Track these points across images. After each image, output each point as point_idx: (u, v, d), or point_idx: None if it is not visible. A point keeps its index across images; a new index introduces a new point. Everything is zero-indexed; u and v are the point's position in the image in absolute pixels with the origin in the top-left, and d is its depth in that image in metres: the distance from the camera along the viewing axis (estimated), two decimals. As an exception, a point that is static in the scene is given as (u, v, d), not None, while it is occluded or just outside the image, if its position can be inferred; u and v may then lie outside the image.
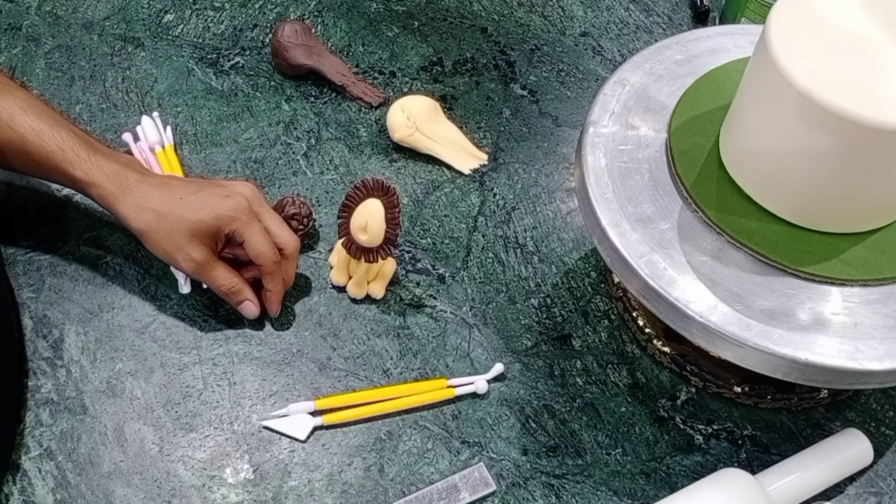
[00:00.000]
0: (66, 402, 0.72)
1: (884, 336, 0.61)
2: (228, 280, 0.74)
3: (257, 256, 0.74)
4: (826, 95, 0.56)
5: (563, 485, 0.70)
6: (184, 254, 0.72)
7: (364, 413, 0.72)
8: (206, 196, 0.73)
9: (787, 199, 0.64)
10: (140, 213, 0.72)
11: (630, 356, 0.77)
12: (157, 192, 0.73)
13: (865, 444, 0.69)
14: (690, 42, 0.77)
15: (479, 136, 0.91)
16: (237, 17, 1.01)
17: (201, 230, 0.72)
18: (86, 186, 0.73)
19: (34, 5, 1.00)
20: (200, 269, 0.73)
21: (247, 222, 0.73)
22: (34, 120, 0.73)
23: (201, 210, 0.72)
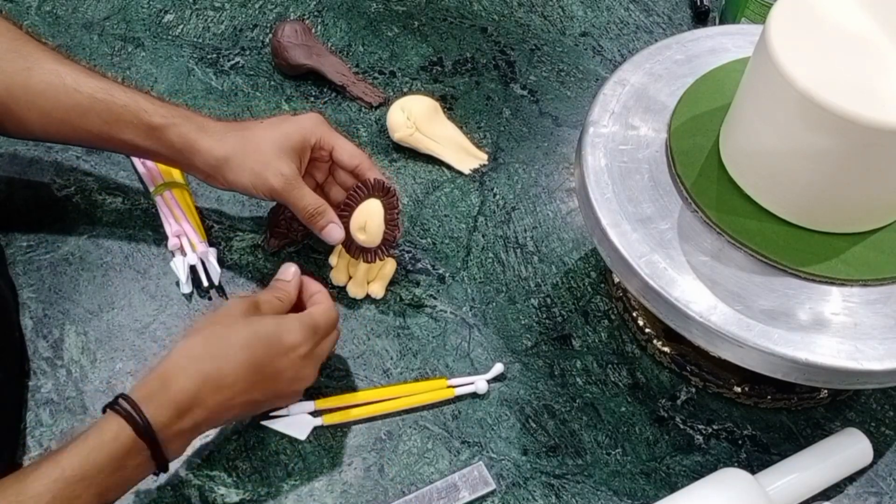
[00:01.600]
0: (66, 402, 0.72)
1: (884, 336, 0.61)
2: (315, 200, 0.73)
3: (352, 156, 0.74)
4: (826, 95, 0.56)
5: (563, 485, 0.70)
6: (273, 169, 0.71)
7: (364, 413, 0.72)
8: (285, 117, 0.75)
9: (787, 199, 0.64)
10: (223, 140, 0.72)
11: (630, 356, 0.77)
12: (236, 122, 0.75)
13: (865, 444, 0.69)
14: (690, 42, 0.77)
15: (479, 136, 0.91)
16: (237, 17, 1.01)
17: (288, 144, 0.72)
18: (164, 131, 0.72)
19: (34, 5, 1.00)
20: (289, 187, 0.72)
21: (330, 130, 0.74)
22: (100, 81, 0.73)
23: (284, 125, 0.73)
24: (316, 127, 0.74)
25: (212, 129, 0.73)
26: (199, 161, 0.73)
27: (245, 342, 0.63)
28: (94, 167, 0.86)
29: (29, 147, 0.87)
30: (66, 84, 0.72)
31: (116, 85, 0.74)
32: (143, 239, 0.82)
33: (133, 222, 0.83)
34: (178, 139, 0.72)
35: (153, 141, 0.73)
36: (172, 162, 0.76)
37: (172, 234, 0.79)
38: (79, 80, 0.72)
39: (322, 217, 0.73)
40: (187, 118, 0.73)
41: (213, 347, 0.62)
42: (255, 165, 0.71)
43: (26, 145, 0.87)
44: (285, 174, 0.71)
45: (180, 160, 0.74)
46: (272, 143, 0.72)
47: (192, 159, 0.73)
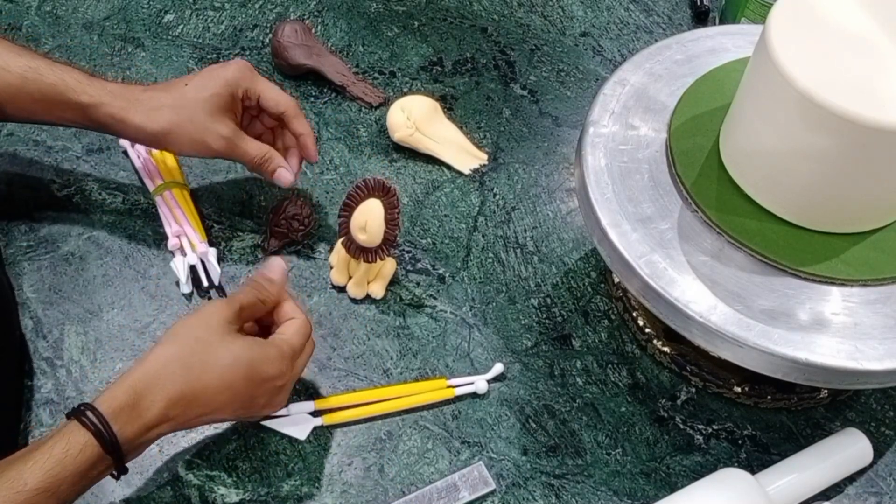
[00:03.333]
0: (66, 402, 0.72)
1: (884, 336, 0.61)
2: (260, 148, 0.75)
3: (277, 103, 0.75)
4: (826, 95, 0.56)
5: (563, 485, 0.70)
6: (212, 133, 0.72)
7: (364, 413, 0.72)
8: (208, 72, 0.75)
9: (787, 199, 0.64)
10: (155, 115, 0.72)
11: (630, 356, 0.77)
12: (164, 91, 0.74)
13: (865, 444, 0.69)
14: (690, 42, 0.77)
15: (479, 136, 0.91)
16: (237, 17, 1.00)
17: (219, 104, 0.73)
18: (93, 110, 0.72)
19: (34, 5, 1.00)
20: (231, 145, 0.73)
21: (254, 78, 0.75)
22: (29, 60, 0.73)
23: (210, 84, 0.73)
24: (241, 79, 0.75)
25: (141, 103, 0.73)
26: (133, 135, 0.74)
27: (223, 368, 0.61)
28: (94, 167, 0.86)
29: (29, 147, 0.87)
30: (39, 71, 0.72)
31: (45, 63, 0.73)
32: (143, 239, 0.82)
33: (133, 222, 0.83)
34: (107, 118, 0.73)
35: (84, 118, 0.74)
36: (115, 134, 0.76)
37: (172, 234, 0.79)
38: (7, 61, 0.72)
39: (270, 162, 0.75)
40: (115, 95, 0.73)
41: (189, 367, 0.60)
42: (194, 133, 0.73)
43: (26, 145, 0.87)
44: (225, 135, 0.73)
45: (118, 134, 0.75)
46: (204, 108, 0.73)
47: (126, 134, 0.74)
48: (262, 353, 0.63)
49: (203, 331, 0.62)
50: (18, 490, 0.54)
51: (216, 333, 0.62)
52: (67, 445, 0.56)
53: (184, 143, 0.73)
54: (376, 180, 0.74)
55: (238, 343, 0.62)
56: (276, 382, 0.64)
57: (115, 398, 0.58)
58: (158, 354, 0.60)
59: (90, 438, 0.57)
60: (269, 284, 0.67)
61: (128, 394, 0.58)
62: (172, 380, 0.59)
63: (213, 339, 0.61)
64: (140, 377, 0.59)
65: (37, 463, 0.55)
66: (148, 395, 0.59)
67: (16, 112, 0.74)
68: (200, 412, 0.61)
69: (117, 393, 0.58)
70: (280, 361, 0.63)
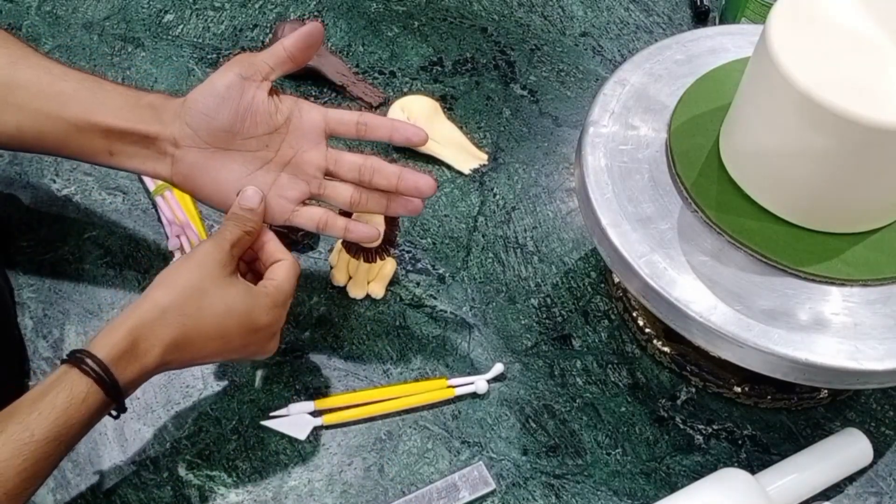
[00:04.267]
0: (66, 402, 0.72)
1: (884, 336, 0.61)
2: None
3: None
4: (826, 95, 0.56)
5: (563, 485, 0.70)
6: None
7: (364, 413, 0.72)
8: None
9: (787, 199, 0.64)
10: None
11: (630, 356, 0.77)
12: None
13: (865, 444, 0.69)
14: (690, 42, 0.77)
15: (479, 136, 0.91)
16: (237, 17, 1.00)
17: None
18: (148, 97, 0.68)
19: (34, 5, 1.00)
20: None
21: None
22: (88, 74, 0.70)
23: None
24: None
25: None
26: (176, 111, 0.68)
27: (218, 316, 0.62)
28: (94, 167, 0.86)
29: (29, 147, 0.87)
30: (52, 74, 0.69)
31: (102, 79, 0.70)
32: (143, 239, 0.82)
33: (133, 222, 0.83)
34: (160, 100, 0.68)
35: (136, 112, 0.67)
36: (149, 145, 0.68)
37: (172, 234, 0.79)
38: (67, 72, 0.69)
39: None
40: None
41: (185, 314, 0.61)
42: None
43: (26, 145, 0.87)
44: None
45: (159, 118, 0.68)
46: None
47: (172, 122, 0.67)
48: (256, 302, 0.63)
49: (197, 276, 0.62)
50: (26, 441, 0.55)
51: (210, 279, 0.62)
52: (70, 395, 0.57)
53: None
54: None
55: (232, 290, 0.63)
56: (270, 330, 0.65)
57: (114, 344, 0.59)
58: (155, 301, 0.61)
59: (92, 385, 0.57)
60: (250, 214, 0.66)
61: (126, 339, 0.59)
62: (169, 326, 0.60)
63: (208, 286, 0.62)
64: (137, 323, 0.60)
65: (41, 413, 0.56)
66: (145, 340, 0.59)
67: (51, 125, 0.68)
68: (194, 356, 0.63)
69: (115, 339, 0.59)
70: (273, 310, 0.64)
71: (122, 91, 0.69)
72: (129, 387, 0.60)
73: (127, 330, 0.59)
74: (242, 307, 0.63)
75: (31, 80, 0.68)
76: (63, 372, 0.58)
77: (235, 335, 0.63)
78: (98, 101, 0.67)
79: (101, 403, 0.58)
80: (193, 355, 0.62)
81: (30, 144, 0.70)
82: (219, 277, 0.63)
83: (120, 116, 0.67)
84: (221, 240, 0.64)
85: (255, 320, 0.63)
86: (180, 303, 0.61)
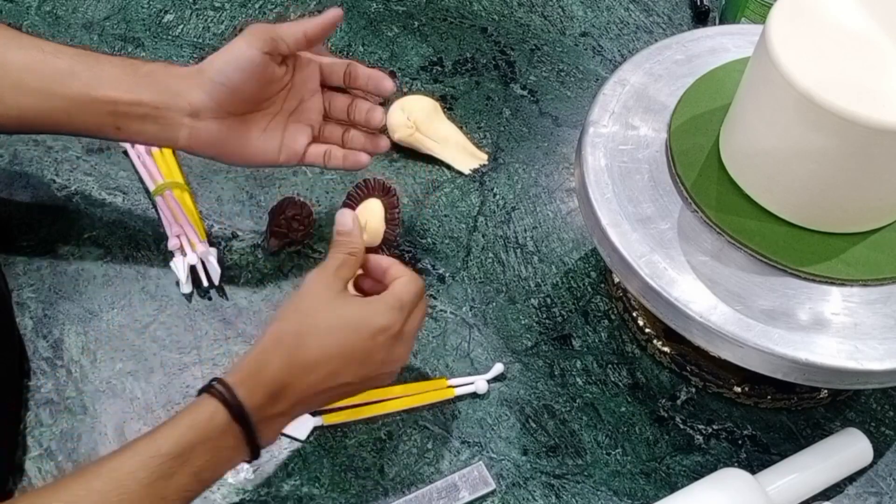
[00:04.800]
0: (66, 402, 0.72)
1: (884, 336, 0.61)
2: None
3: None
4: (826, 95, 0.56)
5: (563, 485, 0.70)
6: None
7: (364, 413, 0.72)
8: None
9: (787, 199, 0.64)
10: None
11: (630, 356, 0.77)
12: None
13: (865, 444, 0.69)
14: (690, 42, 0.77)
15: (479, 136, 0.91)
16: (237, 17, 1.00)
17: None
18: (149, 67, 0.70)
19: (34, 5, 1.00)
20: None
21: None
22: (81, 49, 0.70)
23: None
24: None
25: None
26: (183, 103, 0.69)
27: (332, 327, 0.62)
28: (94, 167, 0.86)
29: (29, 147, 0.87)
30: (45, 52, 0.69)
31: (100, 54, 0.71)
32: (143, 239, 0.82)
33: (133, 222, 0.83)
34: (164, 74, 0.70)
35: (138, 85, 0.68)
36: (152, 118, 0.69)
37: (172, 234, 0.79)
38: (60, 49, 0.69)
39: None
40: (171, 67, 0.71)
41: (299, 335, 0.61)
42: None
43: (26, 145, 0.87)
44: None
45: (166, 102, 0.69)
46: None
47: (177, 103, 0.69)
48: (368, 307, 0.63)
49: (307, 301, 0.63)
50: (153, 455, 0.55)
51: (319, 299, 0.63)
52: (197, 413, 0.58)
53: None
54: (376, 180, 0.74)
55: (341, 303, 0.63)
56: (389, 332, 0.62)
57: (238, 370, 0.60)
58: (272, 331, 0.62)
59: (217, 405, 0.58)
60: (348, 237, 0.66)
61: (249, 365, 0.60)
62: (287, 347, 0.61)
63: (318, 306, 0.63)
64: (258, 350, 0.61)
65: (168, 430, 0.57)
66: (267, 363, 0.60)
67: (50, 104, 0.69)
68: (321, 378, 0.61)
69: (240, 365, 0.60)
70: (387, 312, 0.63)
71: (118, 62, 0.69)
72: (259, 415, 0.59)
73: (251, 358, 0.60)
74: (353, 314, 0.62)
75: (25, 60, 0.69)
76: (198, 398, 0.59)
77: (353, 343, 0.62)
78: (96, 76, 0.68)
79: (225, 425, 0.58)
80: (320, 376, 0.61)
81: (33, 124, 0.71)
82: (328, 297, 0.63)
83: (122, 88, 0.68)
84: (324, 267, 0.65)
85: (370, 323, 0.62)
86: (294, 327, 0.62)
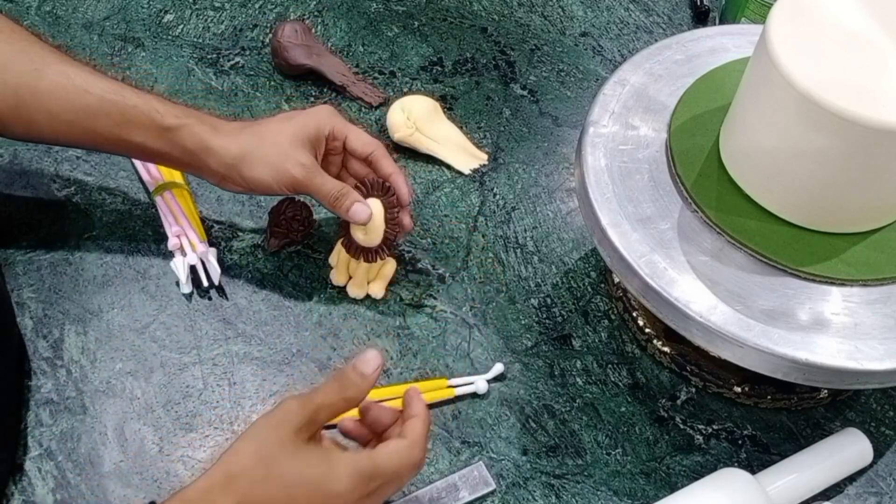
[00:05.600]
0: (66, 402, 0.72)
1: (884, 336, 0.61)
2: (337, 183, 0.73)
3: (366, 144, 0.75)
4: (826, 95, 0.56)
5: (563, 485, 0.70)
6: (292, 160, 0.71)
7: None
8: (296, 111, 0.75)
9: (787, 199, 0.64)
10: (238, 138, 0.72)
11: (630, 356, 0.77)
12: (249, 122, 0.75)
13: (865, 444, 0.70)
14: (690, 42, 0.77)
15: (479, 136, 0.91)
16: (237, 17, 1.01)
17: (304, 134, 0.72)
18: (177, 131, 0.71)
19: (34, 5, 1.00)
20: (310, 175, 0.72)
21: (342, 120, 0.75)
22: (110, 82, 0.72)
23: (298, 118, 0.74)
24: (329, 118, 0.75)
25: (225, 129, 0.73)
26: (213, 162, 0.72)
27: (287, 483, 0.56)
28: (94, 167, 0.86)
29: (29, 147, 0.87)
30: (75, 85, 0.71)
31: (127, 86, 0.73)
32: (143, 239, 0.82)
33: (133, 222, 0.83)
34: (191, 140, 0.71)
35: (165, 142, 0.72)
36: (184, 165, 0.75)
37: (172, 234, 0.79)
38: (88, 81, 0.71)
39: (346, 198, 0.72)
40: (200, 119, 0.72)
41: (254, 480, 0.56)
42: (274, 158, 0.71)
43: (26, 145, 0.87)
44: (305, 163, 0.72)
45: (193, 162, 0.73)
46: (288, 135, 0.72)
47: (206, 160, 0.72)
48: (329, 470, 0.57)
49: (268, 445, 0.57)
50: None
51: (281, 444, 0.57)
52: None
53: (262, 167, 0.71)
54: (376, 180, 0.74)
55: (305, 456, 0.57)
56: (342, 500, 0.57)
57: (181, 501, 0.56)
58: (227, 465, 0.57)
59: None
60: (360, 380, 0.60)
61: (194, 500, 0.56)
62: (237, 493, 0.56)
63: (279, 452, 0.57)
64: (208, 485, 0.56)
65: None
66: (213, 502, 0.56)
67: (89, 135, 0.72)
68: None
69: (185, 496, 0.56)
70: (349, 479, 0.57)
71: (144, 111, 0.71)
72: None
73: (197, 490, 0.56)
74: (314, 474, 0.57)
75: (56, 91, 0.71)
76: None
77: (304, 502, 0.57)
78: (125, 121, 0.71)
79: None
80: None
81: (66, 144, 0.78)
82: (291, 442, 0.57)
83: (149, 138, 0.72)
84: (308, 401, 0.59)
85: (328, 488, 0.57)
86: (250, 471, 0.57)
